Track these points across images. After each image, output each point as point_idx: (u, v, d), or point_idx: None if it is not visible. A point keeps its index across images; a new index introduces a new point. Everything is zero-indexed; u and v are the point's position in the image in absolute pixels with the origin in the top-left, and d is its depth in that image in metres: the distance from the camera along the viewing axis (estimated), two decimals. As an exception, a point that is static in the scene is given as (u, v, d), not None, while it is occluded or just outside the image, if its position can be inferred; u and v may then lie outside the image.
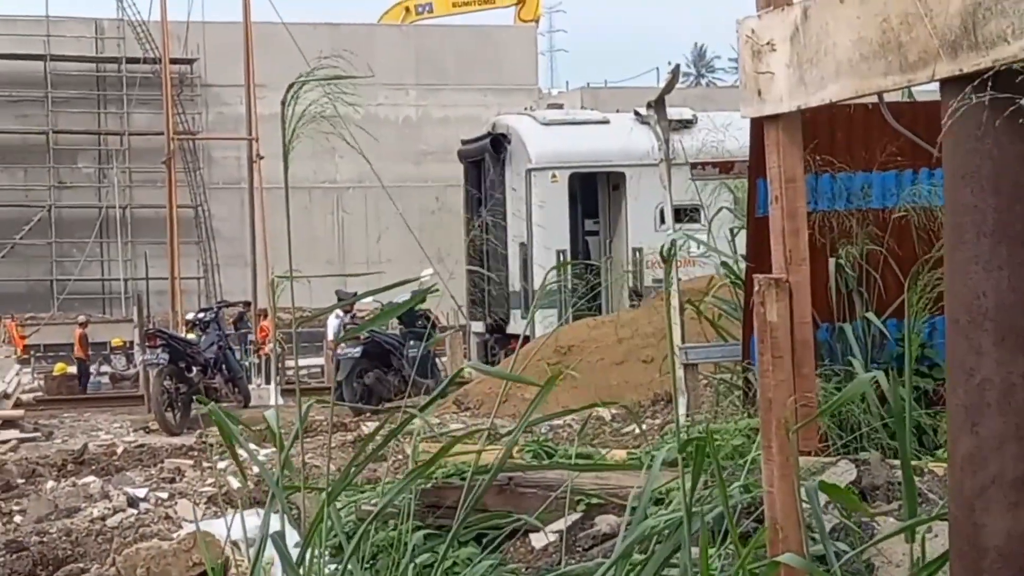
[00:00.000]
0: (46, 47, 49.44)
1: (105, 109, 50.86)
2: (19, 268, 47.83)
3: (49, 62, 49.55)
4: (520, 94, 49.53)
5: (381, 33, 54.55)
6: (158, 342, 24.25)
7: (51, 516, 11.76)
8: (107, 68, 50.82)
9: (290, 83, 5.67)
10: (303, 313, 8.46)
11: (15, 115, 49.47)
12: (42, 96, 49.53)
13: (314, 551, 5.83)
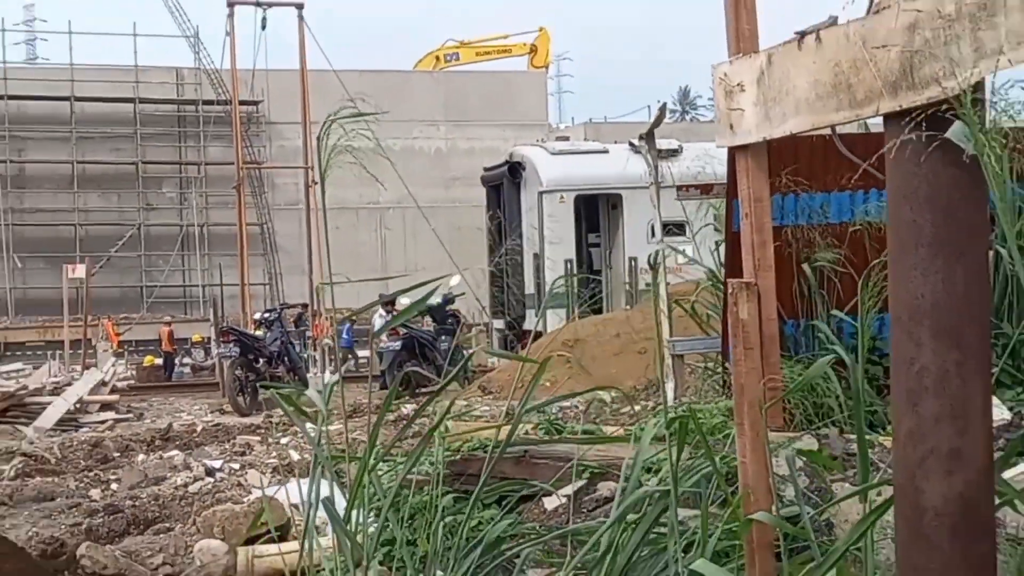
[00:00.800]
0: (135, 92, 49.54)
1: (185, 143, 50.95)
2: (114, 277, 47.91)
3: (138, 104, 49.64)
4: (533, 129, 49.52)
5: (416, 78, 54.63)
6: (231, 338, 24.34)
7: (142, 484, 11.80)
8: (186, 109, 50.93)
9: (324, 120, 5.67)
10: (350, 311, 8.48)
11: (110, 149, 49.59)
12: (132, 133, 49.62)
13: (358, 512, 5.82)
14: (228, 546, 7.92)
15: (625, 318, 17.42)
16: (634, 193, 24.45)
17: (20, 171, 48.86)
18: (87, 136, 49.14)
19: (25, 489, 11.96)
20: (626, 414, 10.26)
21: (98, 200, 49.78)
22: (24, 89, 48.79)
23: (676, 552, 4.37)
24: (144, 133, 49.88)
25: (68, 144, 48.72)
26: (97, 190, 49.73)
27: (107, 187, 49.86)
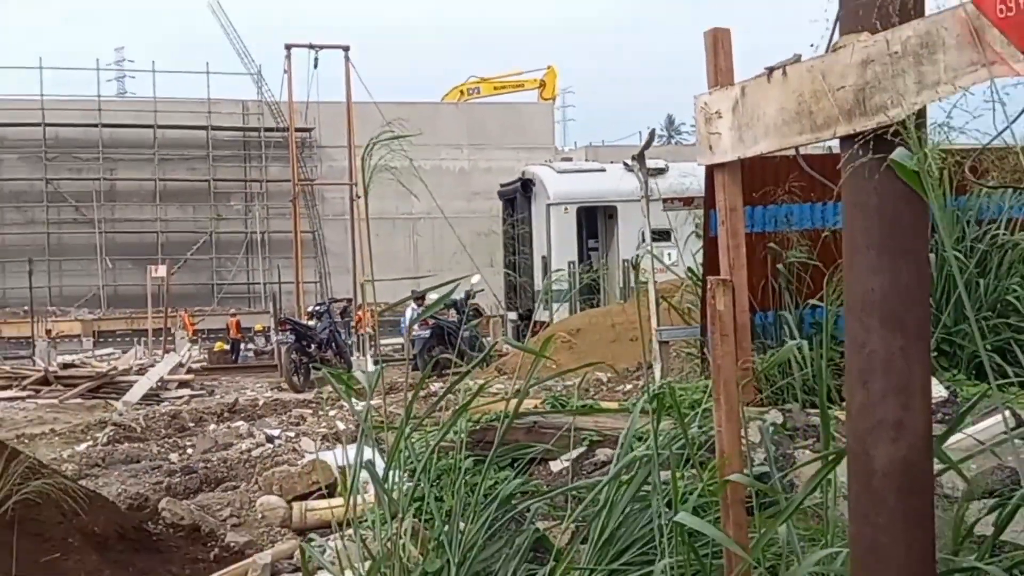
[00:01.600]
0: (208, 120, 49.65)
1: (249, 164, 51.04)
2: (190, 276, 48.02)
3: (210, 131, 49.76)
4: (541, 151, 49.53)
5: (444, 109, 54.68)
6: (287, 327, 24.43)
7: (212, 449, 11.83)
8: (251, 135, 51.02)
9: (367, 143, 5.68)
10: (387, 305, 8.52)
11: (186, 168, 49.72)
12: (205, 155, 49.73)
13: (395, 473, 5.82)
14: (285, 501, 7.94)
15: (620, 310, 17.43)
16: (627, 205, 24.49)
17: (112, 187, 49.00)
18: (167, 158, 49.26)
19: (115, 453, 12.02)
20: (620, 391, 10.26)
21: (176, 211, 49.91)
22: (115, 118, 48.94)
23: (659, 507, 4.36)
24: (215, 155, 50.01)
25: (151, 164, 48.85)
26: (175, 203, 49.84)
27: (184, 200, 49.98)
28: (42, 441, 13.98)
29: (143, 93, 52.11)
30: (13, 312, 43.60)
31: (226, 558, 7.01)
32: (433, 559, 5.11)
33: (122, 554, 6.74)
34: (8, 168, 47.89)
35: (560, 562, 4.67)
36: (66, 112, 47.76)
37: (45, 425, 16.62)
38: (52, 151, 47.96)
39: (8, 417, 18.10)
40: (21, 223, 48.12)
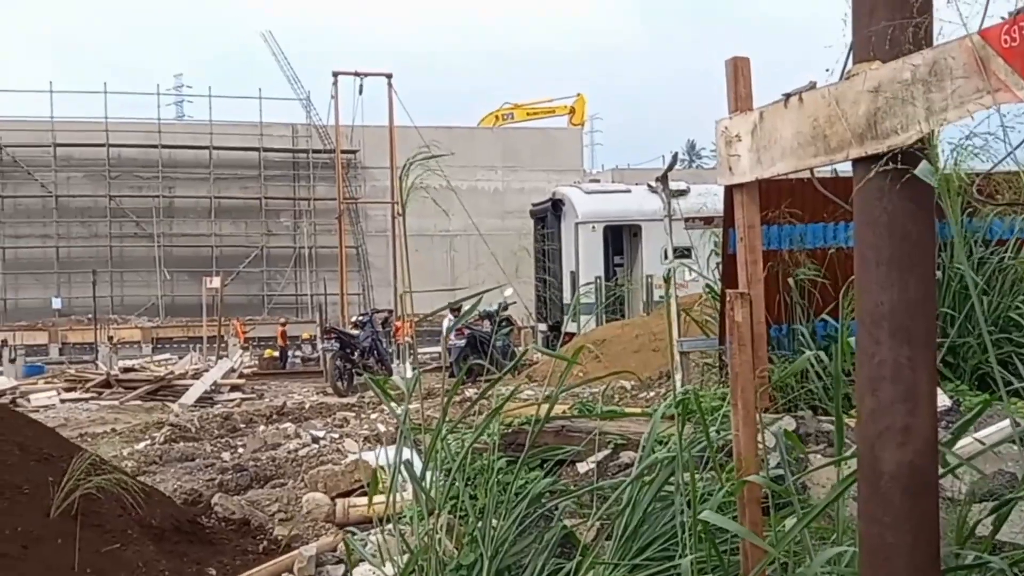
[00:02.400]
0: (260, 142, 50.00)
1: (298, 183, 51.32)
2: (242, 287, 48.28)
3: (262, 152, 50.09)
4: (571, 173, 49.52)
5: (480, 133, 54.81)
6: (332, 335, 24.52)
7: (262, 449, 11.88)
8: (299, 156, 51.33)
9: (404, 163, 5.75)
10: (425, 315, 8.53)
11: (240, 187, 50.05)
12: (257, 174, 50.05)
13: (432, 473, 5.84)
14: (329, 498, 7.96)
15: (643, 322, 17.39)
16: (651, 224, 24.44)
17: (170, 204, 49.39)
18: (222, 177, 49.61)
19: (172, 452, 12.09)
20: (643, 398, 10.23)
21: (230, 227, 50.23)
22: (174, 140, 49.38)
23: (681, 505, 4.35)
24: (266, 175, 50.33)
25: (207, 183, 49.21)
26: (229, 219, 50.16)
27: (237, 217, 50.31)
28: (104, 440, 14.07)
29: (200, 116, 52.59)
30: (78, 320, 44.00)
31: (274, 550, 7.04)
32: (467, 553, 5.12)
33: (177, 545, 6.78)
34: (74, 185, 48.35)
35: (586, 557, 4.66)
36: (128, 134, 48.21)
37: (107, 425, 16.76)
38: (115, 170, 48.40)
39: (73, 417, 18.26)
40: (86, 237, 48.56)
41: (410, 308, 6.48)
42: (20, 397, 20.93)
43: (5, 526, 5.80)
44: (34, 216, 48.29)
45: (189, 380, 22.73)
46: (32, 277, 47.93)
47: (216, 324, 35.31)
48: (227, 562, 6.74)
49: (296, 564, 6.01)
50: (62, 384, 23.69)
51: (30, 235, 48.16)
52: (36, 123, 47.30)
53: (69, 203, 48.31)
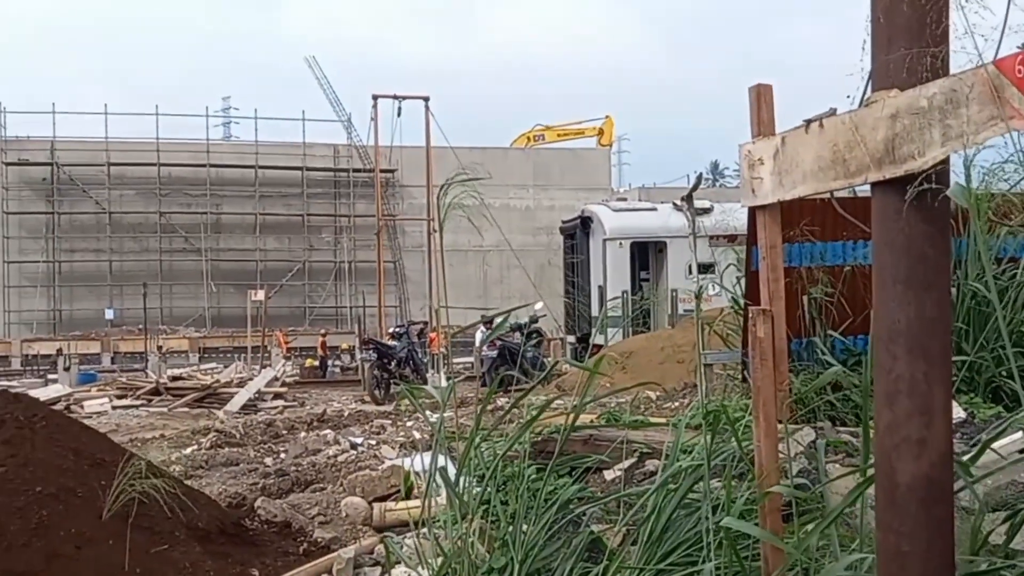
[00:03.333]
0: (303, 162, 50.33)
1: (339, 200, 51.60)
2: (285, 299, 48.55)
3: (305, 171, 50.39)
4: (599, 191, 49.56)
5: (512, 153, 54.97)
6: (370, 346, 24.60)
7: (303, 454, 11.88)
8: (340, 175, 51.62)
9: (442, 183, 5.79)
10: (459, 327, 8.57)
11: (283, 204, 50.38)
12: (300, 192, 50.37)
13: (465, 479, 5.84)
14: (366, 502, 7.96)
15: (667, 335, 17.33)
16: (675, 241, 24.45)
17: (217, 220, 49.76)
18: (266, 195, 49.96)
19: (217, 457, 12.13)
20: (667, 408, 10.19)
21: (274, 242, 50.56)
22: (221, 159, 49.79)
23: (706, 511, 4.35)
24: (309, 192, 50.64)
25: (252, 200, 49.57)
26: (273, 235, 50.49)
27: (280, 232, 50.63)
28: (153, 445, 14.16)
29: (246, 137, 53.07)
30: (129, 330, 44.38)
31: (314, 552, 7.05)
32: (499, 556, 5.12)
33: (222, 546, 6.80)
34: (127, 202, 48.83)
35: (613, 561, 4.66)
36: (178, 153, 48.68)
37: (156, 431, 16.85)
38: (165, 188, 48.84)
39: (124, 423, 18.39)
40: (137, 251, 49.01)
41: (445, 320, 6.51)
42: (74, 404, 21.09)
43: (60, 528, 5.85)
44: (89, 231, 48.79)
45: (234, 388, 22.84)
46: (86, 289, 48.40)
47: (260, 335, 35.48)
48: (269, 563, 6.76)
49: (335, 566, 6.02)
50: (114, 391, 23.88)
51: (85, 249, 48.65)
52: (92, 143, 47.82)
53: (122, 219, 48.78)
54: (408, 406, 16.30)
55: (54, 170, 48.09)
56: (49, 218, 48.41)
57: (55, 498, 6.00)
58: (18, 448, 6.33)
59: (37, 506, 5.88)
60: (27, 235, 48.13)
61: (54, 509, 5.92)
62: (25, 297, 47.83)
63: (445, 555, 5.34)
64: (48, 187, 48.31)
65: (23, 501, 5.88)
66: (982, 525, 3.75)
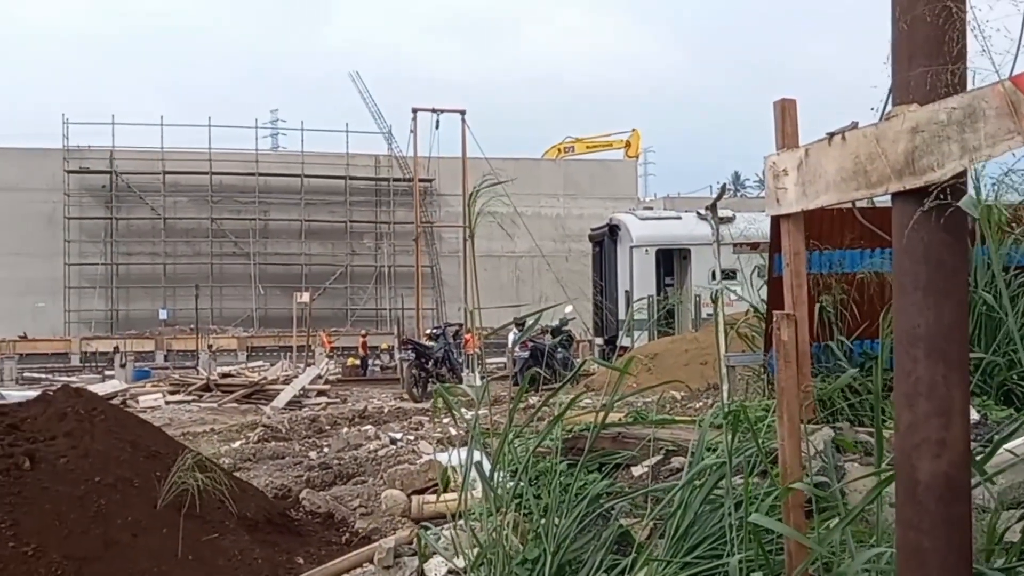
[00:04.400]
0: (346, 171, 50.57)
1: (379, 208, 51.78)
2: (328, 302, 48.77)
3: (348, 180, 50.60)
4: (626, 201, 49.39)
5: (543, 164, 54.97)
6: (409, 346, 24.63)
7: (345, 449, 11.91)
8: (381, 184, 51.80)
9: (472, 191, 5.80)
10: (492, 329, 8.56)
11: (327, 211, 50.62)
12: (343, 200, 50.58)
13: (499, 473, 5.84)
14: (405, 495, 7.98)
15: (692, 337, 17.25)
16: (699, 248, 24.36)
17: (265, 226, 50.08)
18: (311, 202, 50.21)
19: (264, 450, 12.19)
20: (691, 407, 10.14)
21: (318, 247, 50.81)
22: (269, 168, 50.11)
23: (729, 507, 4.32)
24: (352, 200, 50.85)
25: (298, 207, 49.84)
26: (317, 240, 50.75)
27: (324, 238, 50.89)
28: (204, 438, 14.26)
29: (293, 148, 53.38)
30: (181, 329, 44.73)
31: (355, 542, 7.08)
32: (532, 548, 5.11)
33: (269, 535, 6.84)
34: (180, 209, 49.24)
35: (641, 554, 4.64)
36: (229, 162, 49.04)
37: (206, 425, 16.98)
38: (216, 195, 49.21)
39: (176, 418, 18.53)
40: (189, 255, 49.40)
41: (479, 322, 6.51)
42: (130, 399, 21.28)
43: (117, 516, 5.90)
44: (144, 236, 49.25)
45: (280, 385, 22.96)
46: (142, 290, 48.84)
47: (305, 335, 35.69)
48: (313, 552, 6.79)
49: (376, 555, 6.04)
50: (167, 387, 24.06)
51: (140, 252, 49.11)
52: (148, 153, 48.28)
53: (176, 224, 49.20)
54: (444, 404, 16.33)
55: (113, 178, 48.57)
56: (107, 223, 48.88)
57: (113, 488, 6.06)
58: (79, 440, 6.40)
59: (96, 495, 5.93)
60: (87, 239, 48.61)
61: (112, 498, 5.98)
62: (84, 297, 48.31)
63: (481, 546, 5.33)
64: (107, 194, 48.79)
65: (83, 490, 5.94)
66: (998, 523, 3.71)
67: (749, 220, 17.17)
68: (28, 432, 6.47)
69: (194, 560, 5.88)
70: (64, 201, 47.93)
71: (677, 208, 38.62)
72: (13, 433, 6.38)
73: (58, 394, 7.17)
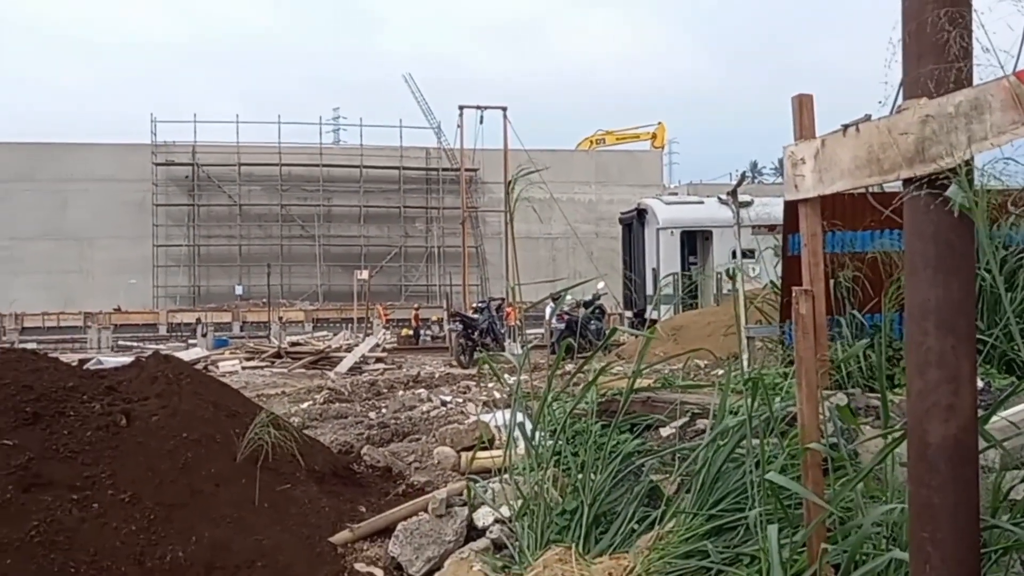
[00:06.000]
0: (400, 162, 50.61)
1: (430, 195, 51.82)
2: (384, 278, 48.97)
3: (401, 170, 50.68)
4: (652, 187, 49.03)
5: (577, 154, 54.73)
6: (456, 318, 24.65)
7: (401, 410, 11.95)
8: (431, 173, 51.81)
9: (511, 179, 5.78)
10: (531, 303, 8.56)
11: (383, 198, 50.75)
12: (397, 188, 50.68)
13: (540, 433, 5.84)
14: (455, 451, 7.99)
15: (713, 311, 17.12)
16: (720, 230, 24.10)
17: (328, 211, 50.31)
18: (369, 190, 50.36)
19: (329, 411, 12.25)
20: (715, 375, 10.07)
21: (375, 230, 50.97)
22: (332, 160, 50.29)
23: (750, 465, 4.28)
24: (405, 188, 50.93)
25: (358, 194, 50.00)
26: (375, 223, 50.90)
27: (381, 222, 51.03)
28: (275, 400, 14.37)
29: (352, 141, 53.42)
30: (254, 303, 45.16)
31: (410, 493, 7.09)
32: (570, 500, 5.11)
33: (334, 486, 6.88)
34: (254, 196, 49.61)
35: (669, 507, 4.62)
36: (296, 155, 49.27)
37: (278, 388, 17.10)
38: (285, 184, 49.49)
39: (251, 381, 18.69)
40: (262, 237, 49.78)
41: (519, 297, 6.51)
42: (210, 364, 21.52)
43: (202, 468, 5.96)
44: (222, 221, 49.69)
45: (342, 353, 23.12)
46: (220, 269, 49.32)
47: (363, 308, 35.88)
48: (374, 501, 6.82)
49: (430, 505, 6.05)
50: (243, 354, 24.32)
51: (219, 235, 49.56)
52: (225, 147, 48.63)
53: (250, 210, 49.58)
54: (489, 370, 16.36)
55: (195, 169, 49.00)
56: (190, 209, 49.37)
57: (198, 443, 6.12)
58: (168, 400, 6.47)
59: (183, 449, 6.00)
60: (172, 223, 49.13)
61: (197, 452, 6.04)
62: (170, 275, 48.89)
63: (524, 498, 5.34)
64: (189, 183, 49.25)
65: (172, 445, 6.00)
66: (1003, 483, 3.65)
67: (765, 204, 16.95)
68: (124, 393, 6.55)
69: (269, 508, 5.93)
70: (152, 190, 48.45)
71: (700, 194, 38.30)
72: (111, 394, 6.46)
73: (150, 360, 7.25)
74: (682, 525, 4.38)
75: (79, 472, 5.57)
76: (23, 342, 33.25)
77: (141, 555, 5.24)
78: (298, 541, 5.77)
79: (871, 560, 3.38)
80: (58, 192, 47.46)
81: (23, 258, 47.16)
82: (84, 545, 5.14)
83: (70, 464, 5.60)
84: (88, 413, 6.03)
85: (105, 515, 5.36)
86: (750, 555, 3.94)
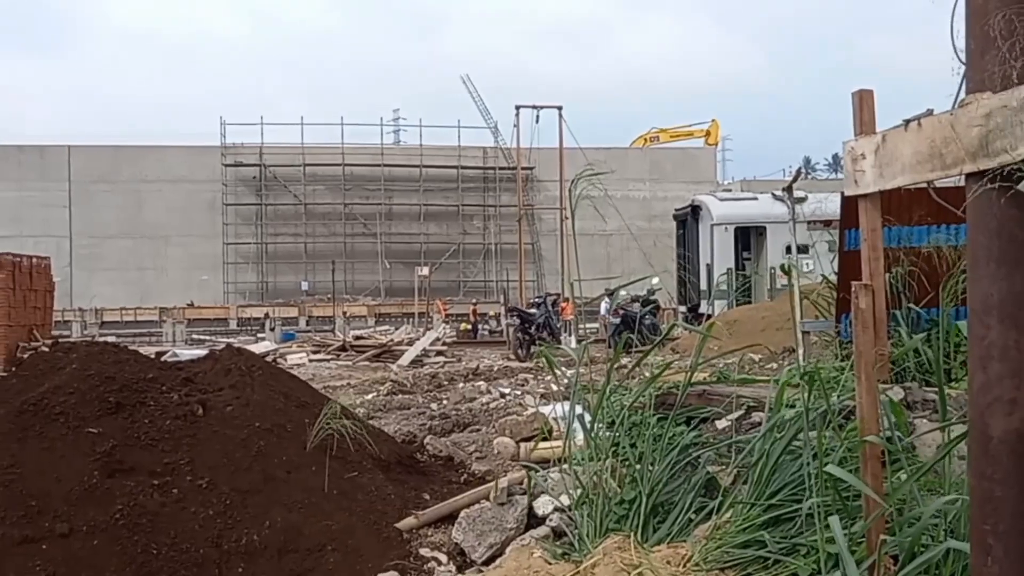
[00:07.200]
0: (458, 161, 50.72)
1: (487, 193, 51.88)
2: (443, 275, 49.15)
3: (460, 169, 50.83)
4: (706, 184, 48.55)
5: (631, 152, 54.38)
6: (513, 313, 24.70)
7: (461, 401, 12.02)
8: (488, 172, 51.84)
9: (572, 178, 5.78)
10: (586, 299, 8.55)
11: (442, 196, 50.93)
12: (455, 187, 50.83)
13: (598, 424, 5.82)
14: (514, 442, 8.02)
15: (767, 306, 16.90)
16: (774, 226, 23.76)
17: (389, 209, 50.64)
18: (429, 188, 50.58)
19: (392, 402, 12.37)
20: (769, 369, 9.96)
21: (435, 227, 51.17)
22: (392, 160, 50.60)
23: (807, 457, 4.23)
24: (463, 187, 51.05)
25: (418, 193, 50.25)
26: (434, 221, 51.11)
27: (440, 220, 51.22)
28: (341, 391, 14.53)
29: (412, 142, 53.71)
30: (320, 298, 45.66)
31: (472, 481, 7.14)
32: (629, 490, 5.10)
33: (399, 475, 6.95)
34: (318, 196, 50.14)
35: (726, 498, 4.58)
36: (358, 155, 49.66)
37: (343, 380, 17.30)
38: (348, 183, 49.94)
39: (318, 373, 18.94)
40: (326, 235, 50.31)
41: (575, 292, 6.50)
42: (279, 357, 21.82)
43: (274, 456, 6.07)
44: (288, 219, 50.33)
45: (404, 347, 23.27)
46: (287, 265, 49.99)
47: (424, 303, 36.10)
48: (437, 489, 6.87)
49: (491, 493, 6.08)
50: (309, 348, 24.61)
51: (285, 233, 50.21)
52: (291, 148, 49.24)
53: (314, 209, 50.14)
54: (546, 363, 16.33)
55: (262, 170, 49.68)
56: (258, 208, 50.08)
57: (270, 432, 6.23)
58: (241, 391, 6.59)
59: (256, 438, 6.10)
60: (241, 222, 49.91)
61: (269, 441, 6.14)
62: (240, 271, 49.68)
63: (583, 487, 5.34)
64: (257, 183, 49.94)
65: (245, 434, 6.11)
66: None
67: (820, 200, 16.69)
68: (200, 384, 6.69)
69: (338, 494, 6.01)
70: (222, 190, 49.24)
71: (753, 190, 37.84)
72: (188, 385, 6.60)
73: (223, 353, 7.39)
74: (739, 515, 4.34)
75: (159, 459, 5.70)
76: (103, 336, 34.04)
77: (218, 538, 5.35)
78: (366, 526, 5.84)
79: (929, 550, 3.32)
80: (135, 192, 48.52)
81: (103, 255, 48.32)
82: (165, 528, 5.27)
83: (151, 451, 5.73)
84: (167, 403, 6.17)
85: (184, 500, 5.48)
86: (807, 546, 3.90)
